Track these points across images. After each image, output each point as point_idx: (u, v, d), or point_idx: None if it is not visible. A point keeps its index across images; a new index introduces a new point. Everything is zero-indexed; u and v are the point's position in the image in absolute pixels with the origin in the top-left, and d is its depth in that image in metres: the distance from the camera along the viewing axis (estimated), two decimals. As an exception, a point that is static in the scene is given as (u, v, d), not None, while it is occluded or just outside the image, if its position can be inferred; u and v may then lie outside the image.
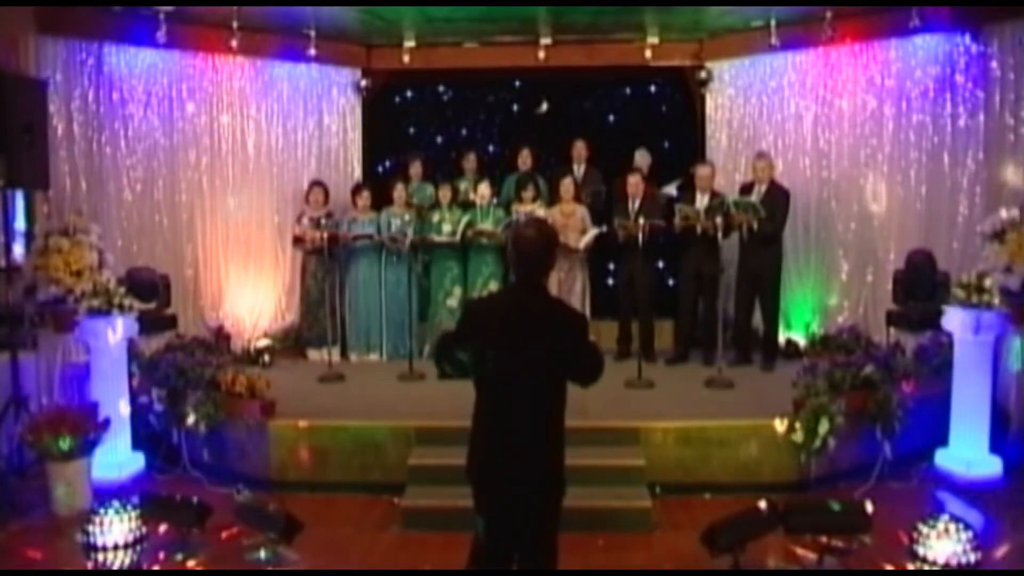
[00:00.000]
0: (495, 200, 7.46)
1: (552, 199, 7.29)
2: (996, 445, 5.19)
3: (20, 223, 6.07)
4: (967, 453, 5.13)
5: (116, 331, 5.24)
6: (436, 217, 7.28)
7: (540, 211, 7.07)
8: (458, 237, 7.09)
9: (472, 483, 2.96)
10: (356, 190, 7.50)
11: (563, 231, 6.98)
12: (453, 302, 7.29)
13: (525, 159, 7.62)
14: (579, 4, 6.77)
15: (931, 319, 5.65)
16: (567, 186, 7.11)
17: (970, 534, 3.53)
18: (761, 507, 3.90)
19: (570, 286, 7.07)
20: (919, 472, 5.12)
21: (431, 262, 7.42)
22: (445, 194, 7.31)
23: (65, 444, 4.62)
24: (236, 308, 7.54)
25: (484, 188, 7.27)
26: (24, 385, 5.18)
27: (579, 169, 7.60)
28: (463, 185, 7.64)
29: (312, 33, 7.35)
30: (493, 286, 7.18)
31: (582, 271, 7.15)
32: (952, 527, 3.54)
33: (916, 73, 6.78)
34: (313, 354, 7.34)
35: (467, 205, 7.41)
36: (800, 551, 3.96)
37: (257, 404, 5.26)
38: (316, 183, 7.48)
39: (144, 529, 3.96)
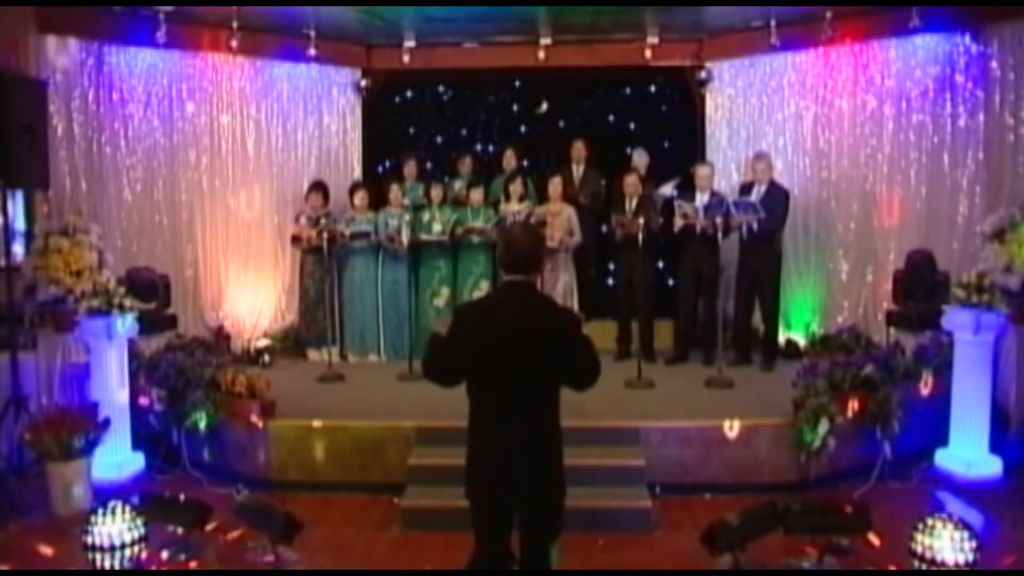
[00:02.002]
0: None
1: (541, 199, 7.29)
2: (996, 445, 5.19)
3: (20, 223, 6.06)
4: (967, 453, 5.13)
5: (116, 331, 5.25)
6: (426, 216, 7.27)
7: (528, 210, 7.06)
8: (447, 236, 7.09)
9: (473, 497, 2.92)
10: (353, 190, 7.48)
11: (548, 230, 6.99)
12: (440, 302, 7.27)
13: (509, 160, 7.66)
14: (579, 4, 6.77)
15: (931, 319, 5.66)
16: (555, 185, 7.11)
17: (970, 534, 3.53)
18: (761, 507, 3.91)
19: (552, 285, 7.06)
20: (919, 472, 5.12)
21: (419, 261, 7.40)
22: (436, 193, 7.30)
23: (55, 445, 4.62)
24: (236, 308, 7.54)
25: (477, 194, 7.27)
26: (24, 385, 5.17)
27: (578, 169, 7.61)
28: (457, 185, 7.64)
29: (312, 33, 7.35)
30: (484, 286, 7.17)
31: (565, 271, 7.12)
32: (952, 527, 3.54)
33: (916, 73, 6.78)
34: (313, 354, 7.34)
35: (458, 204, 7.41)
36: (800, 551, 3.96)
37: (257, 404, 5.27)
38: (315, 186, 7.47)
39: (144, 529, 3.95)
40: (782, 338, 7.15)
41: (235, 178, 7.54)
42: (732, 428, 5.00)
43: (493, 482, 2.88)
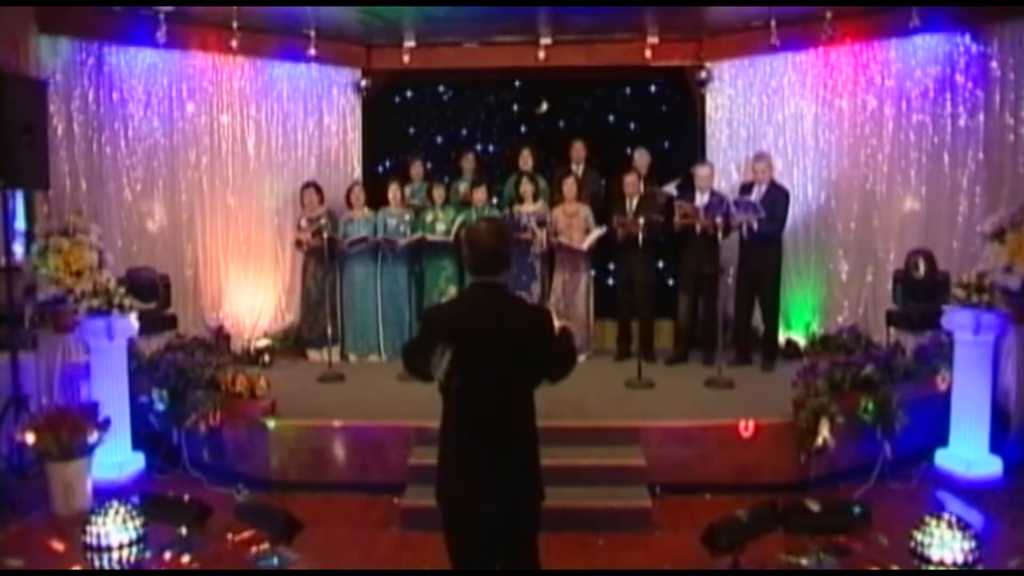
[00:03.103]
0: (494, 201, 7.47)
1: (553, 199, 7.29)
2: (996, 445, 5.20)
3: (20, 223, 6.07)
4: (967, 453, 5.13)
5: (116, 331, 5.24)
6: (430, 217, 7.29)
7: (542, 210, 7.09)
8: (451, 237, 7.09)
9: (444, 501, 2.85)
10: (349, 190, 7.49)
11: (566, 231, 7.00)
12: None
13: (526, 159, 7.63)
14: (579, 4, 6.76)
15: (931, 319, 5.65)
16: (570, 186, 7.11)
17: (970, 534, 3.53)
18: (762, 507, 3.90)
19: (575, 286, 7.09)
20: (919, 472, 5.12)
21: (424, 262, 7.41)
22: (439, 194, 7.32)
23: (56, 444, 4.63)
24: (236, 308, 7.53)
25: (480, 193, 7.28)
26: (24, 385, 5.18)
27: (578, 169, 7.59)
28: (461, 185, 7.65)
29: (312, 33, 7.34)
30: None
31: (586, 272, 7.17)
32: (952, 527, 3.54)
33: (916, 73, 6.78)
34: (313, 354, 7.34)
35: (462, 205, 7.41)
36: (800, 551, 3.96)
37: (257, 404, 5.26)
38: (308, 185, 7.48)
39: (144, 529, 3.95)
40: (782, 338, 7.14)
41: (235, 178, 7.53)
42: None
43: (471, 488, 2.79)
